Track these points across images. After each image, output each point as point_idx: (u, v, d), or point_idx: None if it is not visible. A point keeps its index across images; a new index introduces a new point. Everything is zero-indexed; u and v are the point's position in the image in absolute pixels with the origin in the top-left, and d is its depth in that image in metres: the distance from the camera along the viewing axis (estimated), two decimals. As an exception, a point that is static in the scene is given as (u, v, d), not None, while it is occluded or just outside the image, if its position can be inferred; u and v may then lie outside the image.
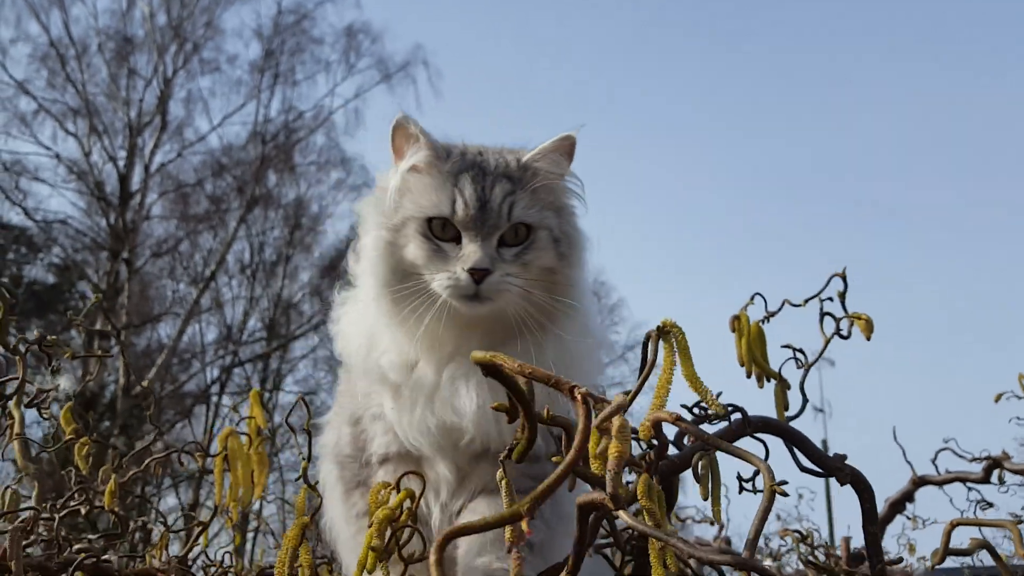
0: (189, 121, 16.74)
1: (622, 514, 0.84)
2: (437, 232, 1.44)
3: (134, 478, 1.95)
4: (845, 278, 1.73)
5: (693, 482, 1.39)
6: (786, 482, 2.00)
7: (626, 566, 1.60)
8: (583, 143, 1.53)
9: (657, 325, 1.04)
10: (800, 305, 1.76)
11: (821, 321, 1.75)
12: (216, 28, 16.75)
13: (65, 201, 19.23)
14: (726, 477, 1.39)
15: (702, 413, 1.32)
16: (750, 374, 1.77)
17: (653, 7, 28.78)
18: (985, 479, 3.03)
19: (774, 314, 1.76)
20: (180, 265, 16.86)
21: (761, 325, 1.73)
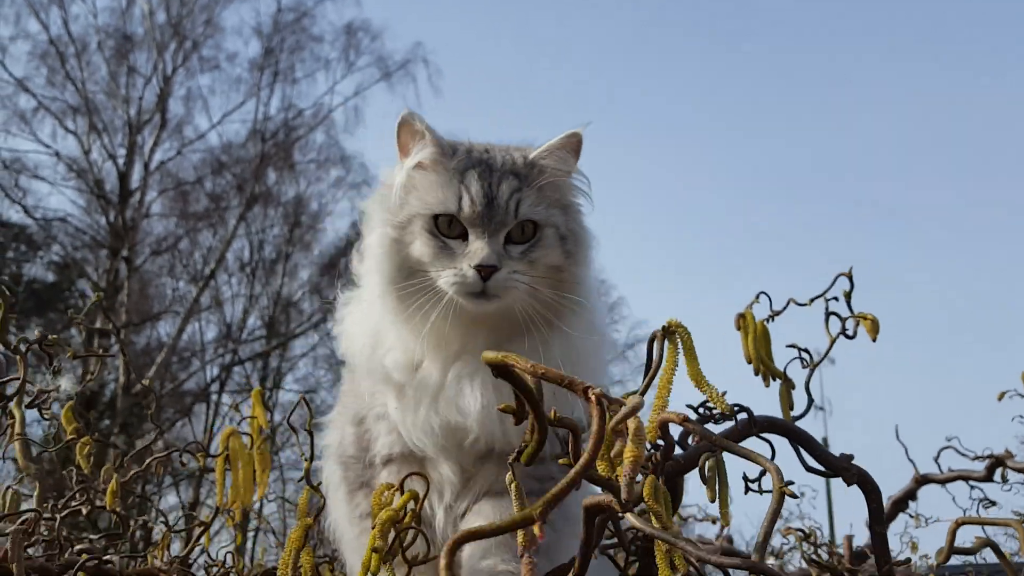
0: (189, 119, 16.74)
1: (630, 517, 0.83)
2: (443, 229, 1.43)
3: (135, 477, 1.94)
4: (851, 278, 1.72)
5: (695, 479, 1.38)
6: (792, 482, 1.99)
7: (630, 566, 1.59)
8: (585, 142, 1.52)
9: (662, 325, 1.02)
10: (806, 304, 1.75)
11: (827, 321, 1.74)
12: (216, 26, 16.74)
13: (65, 199, 19.19)
14: (730, 477, 1.38)
15: (707, 413, 1.31)
16: (758, 371, 1.75)
17: (653, 7, 28.77)
18: (988, 477, 3.02)
19: (779, 313, 1.75)
20: (180, 263, 16.84)
21: (766, 324, 1.72)
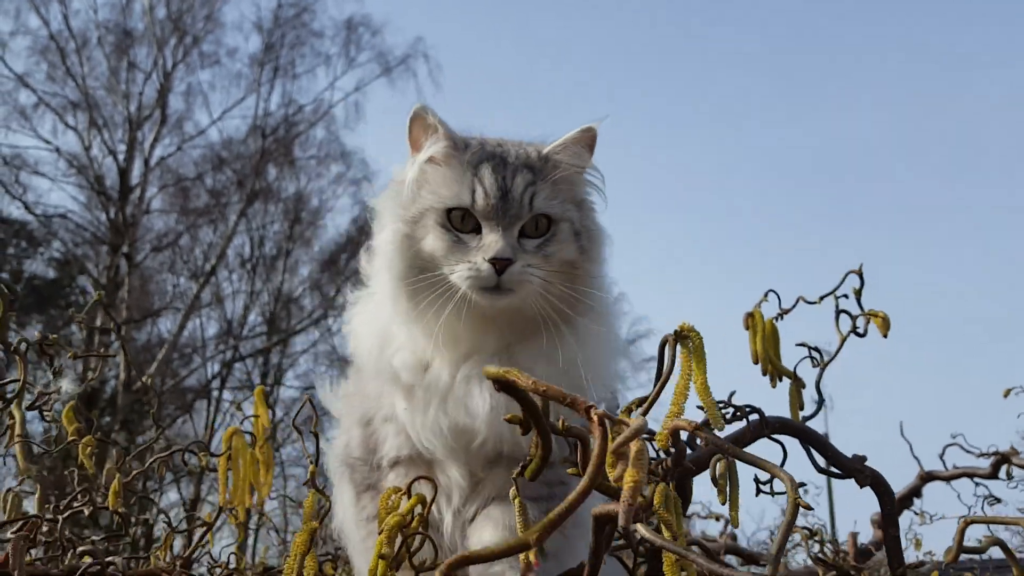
0: (189, 115, 16.72)
1: (639, 528, 0.81)
2: (456, 223, 1.40)
3: (136, 476, 1.93)
4: (862, 275, 1.70)
5: (701, 476, 1.36)
6: (804, 484, 1.97)
7: (639, 567, 1.57)
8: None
9: (675, 329, 1.00)
10: (815, 302, 1.72)
11: (837, 319, 1.72)
12: (216, 21, 16.70)
13: (65, 195, 19.26)
14: (741, 478, 1.36)
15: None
16: (766, 371, 1.73)
17: (653, 7, 28.71)
18: (993, 475, 3.01)
19: (788, 311, 1.72)
20: (180, 259, 16.84)
21: (775, 323, 1.69)
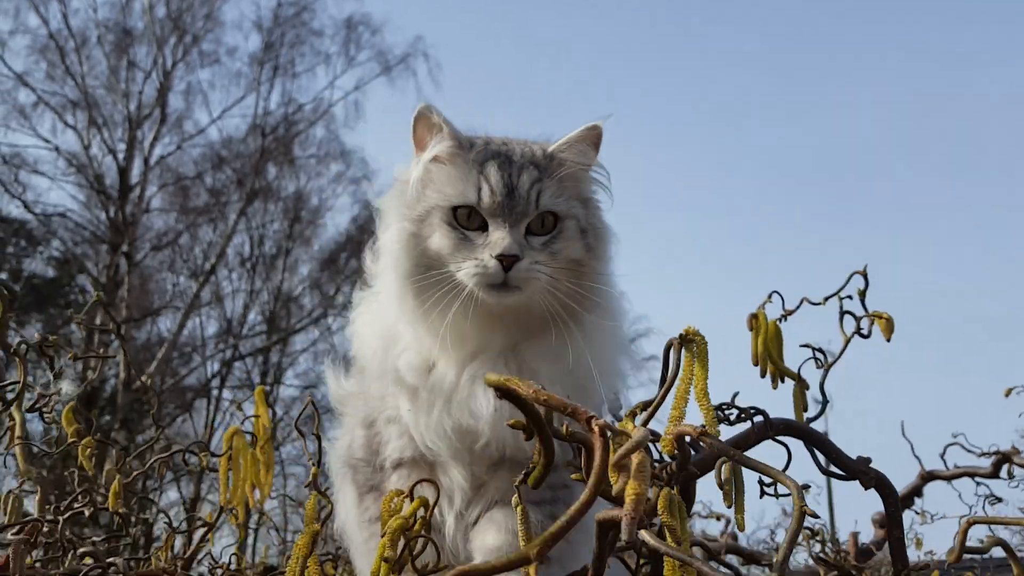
0: (189, 114, 16.72)
1: (644, 534, 0.80)
2: (462, 221, 1.39)
3: (137, 476, 1.93)
4: (866, 276, 1.69)
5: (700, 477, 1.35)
6: (808, 486, 1.96)
7: (642, 568, 1.56)
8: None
9: (680, 333, 0.99)
10: (820, 303, 1.72)
11: (841, 320, 1.71)
12: (216, 20, 16.69)
13: (64, 194, 19.24)
14: (745, 479, 1.35)
15: (723, 415, 1.29)
16: (764, 373, 1.73)
17: (653, 6, 28.70)
18: (994, 474, 3.01)
19: (792, 312, 1.72)
20: (180, 258, 16.83)
21: (778, 324, 1.69)
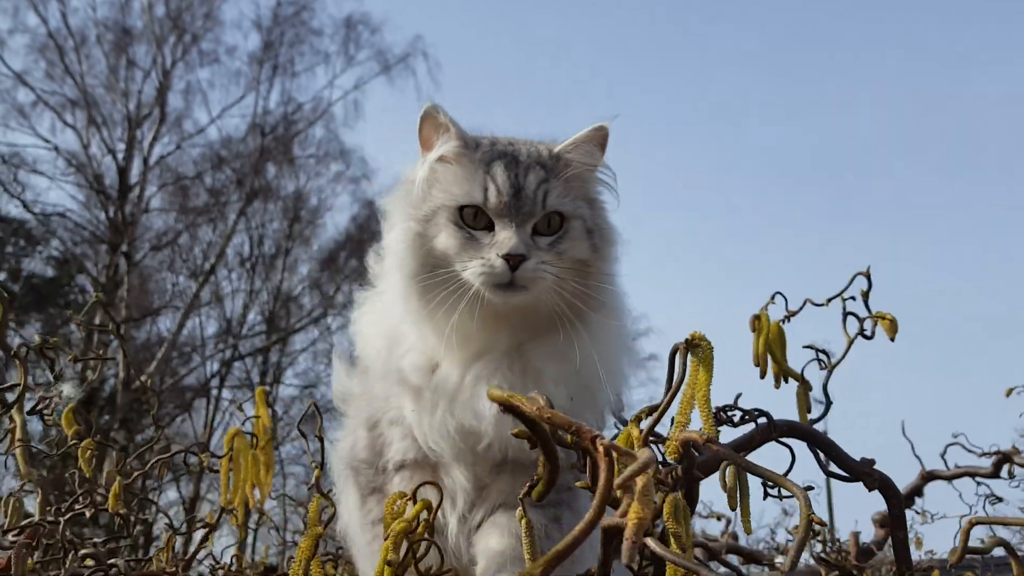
0: (188, 113, 16.73)
1: (649, 541, 0.80)
2: (469, 221, 1.39)
3: (136, 477, 1.92)
4: (869, 277, 1.68)
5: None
6: (812, 487, 1.95)
7: (645, 569, 1.56)
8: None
9: (686, 338, 0.99)
10: (823, 304, 1.71)
11: (844, 321, 1.71)
12: (215, 19, 16.71)
13: (64, 194, 19.24)
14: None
15: (726, 417, 1.28)
16: (765, 374, 1.73)
17: (653, 5, 28.71)
18: (994, 474, 3.01)
19: (795, 313, 1.71)
20: (179, 258, 16.83)
21: (781, 325, 1.68)
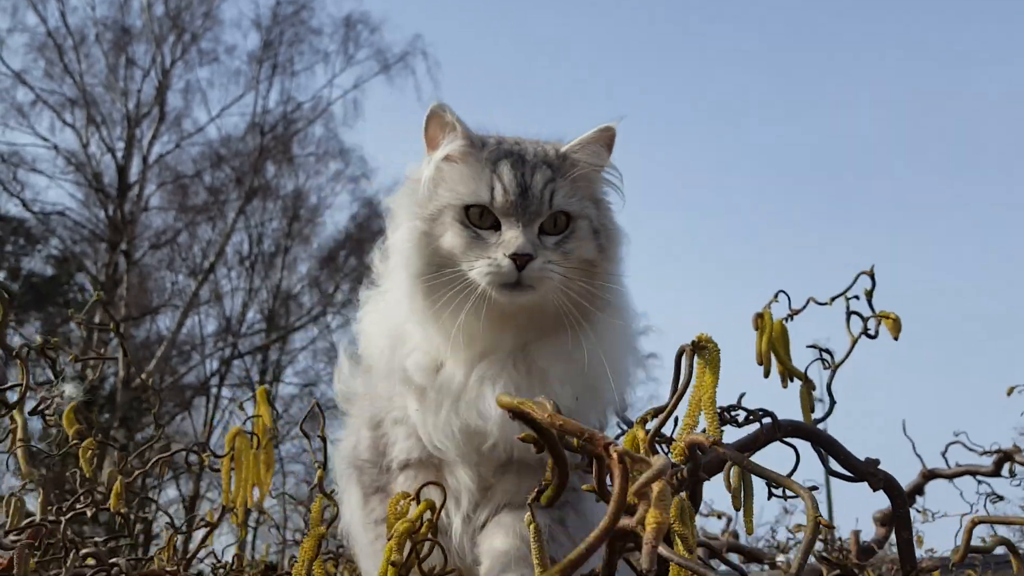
0: (187, 112, 16.71)
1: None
2: (475, 220, 1.39)
3: (137, 476, 1.92)
4: (873, 276, 1.68)
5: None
6: (816, 487, 1.95)
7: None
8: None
9: (692, 340, 0.98)
10: (827, 303, 1.71)
11: (848, 320, 1.70)
12: (214, 18, 16.69)
13: (63, 192, 19.19)
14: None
15: (730, 417, 1.28)
16: (768, 373, 1.72)
17: (653, 5, 28.69)
18: (995, 472, 3.00)
19: (798, 312, 1.71)
20: (179, 257, 16.83)
21: (784, 324, 1.68)
